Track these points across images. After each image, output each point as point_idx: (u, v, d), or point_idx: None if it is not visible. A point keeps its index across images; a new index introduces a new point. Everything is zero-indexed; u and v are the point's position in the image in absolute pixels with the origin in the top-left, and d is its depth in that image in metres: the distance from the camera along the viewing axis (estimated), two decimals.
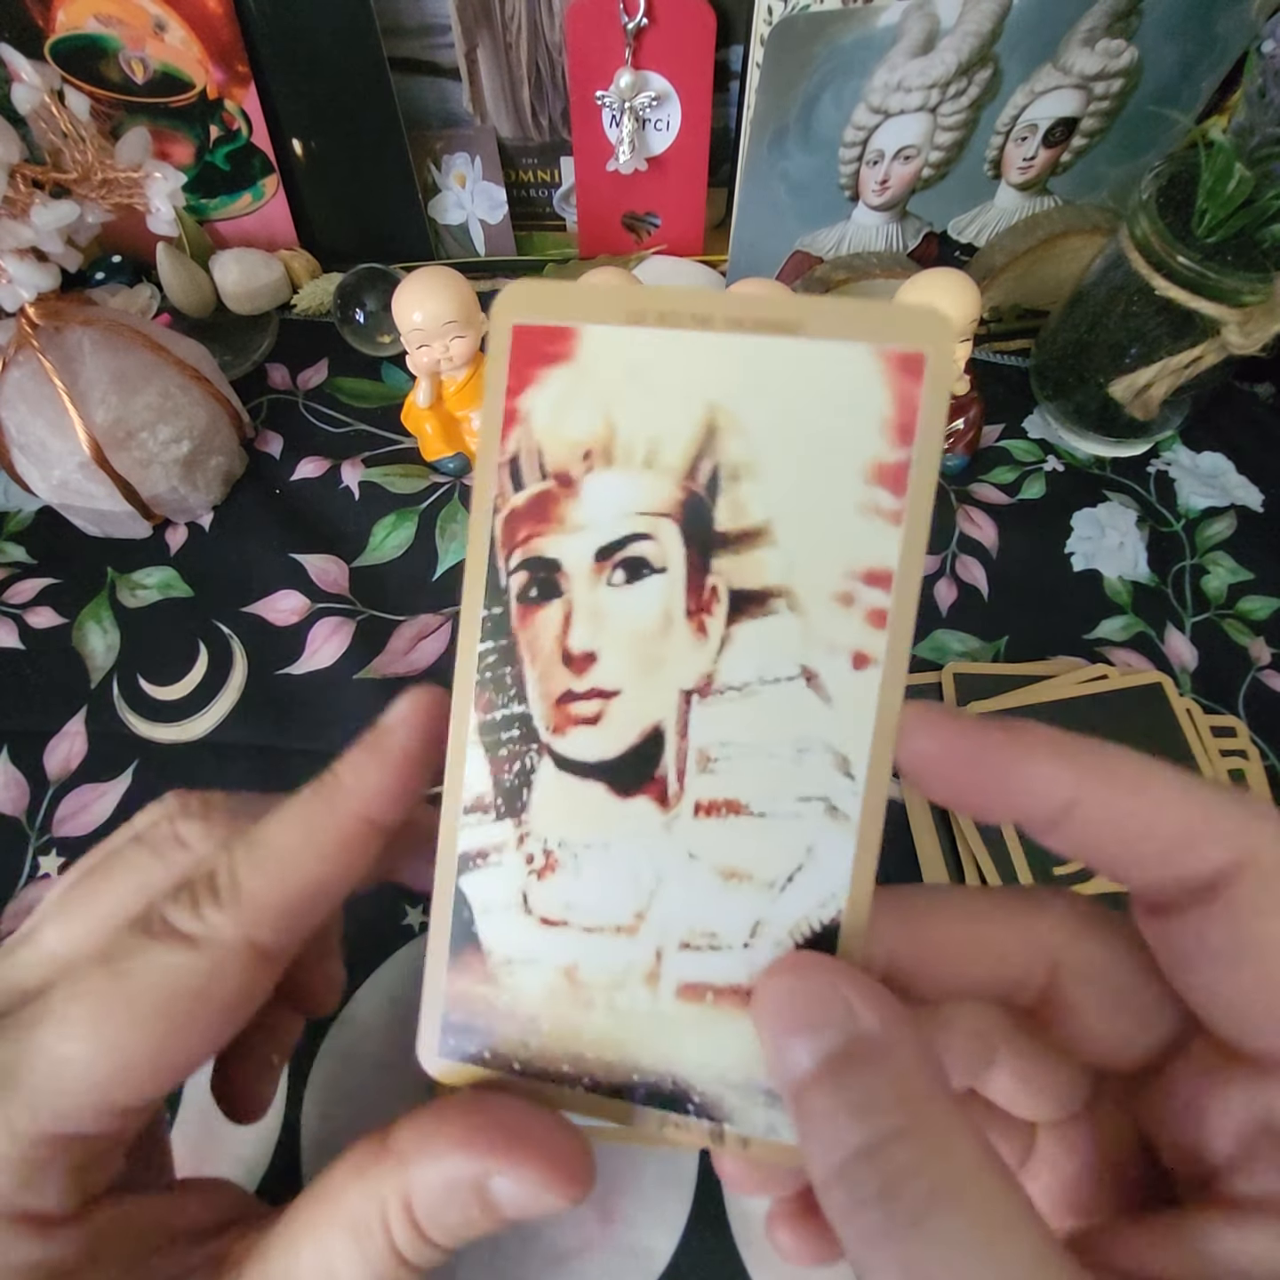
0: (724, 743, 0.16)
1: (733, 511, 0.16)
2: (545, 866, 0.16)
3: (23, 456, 0.44)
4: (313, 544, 0.48)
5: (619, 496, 0.16)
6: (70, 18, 0.47)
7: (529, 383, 0.16)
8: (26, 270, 0.38)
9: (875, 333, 0.15)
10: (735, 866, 0.16)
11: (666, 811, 0.16)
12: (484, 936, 0.17)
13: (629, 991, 0.16)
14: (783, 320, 0.15)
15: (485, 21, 0.50)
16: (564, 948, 0.16)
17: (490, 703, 0.16)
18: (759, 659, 0.16)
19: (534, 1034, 0.16)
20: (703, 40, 0.49)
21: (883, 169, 0.50)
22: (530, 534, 0.16)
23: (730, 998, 0.16)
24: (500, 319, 0.16)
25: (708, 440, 0.16)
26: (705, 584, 0.16)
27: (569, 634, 0.16)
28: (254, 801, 0.21)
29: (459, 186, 0.57)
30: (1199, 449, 0.53)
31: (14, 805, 0.41)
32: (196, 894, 0.17)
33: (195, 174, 0.53)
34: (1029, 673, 0.43)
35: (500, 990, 0.17)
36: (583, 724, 0.16)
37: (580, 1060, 0.16)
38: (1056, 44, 0.46)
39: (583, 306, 0.16)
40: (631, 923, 0.16)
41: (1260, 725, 0.44)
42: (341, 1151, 0.16)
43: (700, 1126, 0.16)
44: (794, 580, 0.15)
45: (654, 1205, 0.33)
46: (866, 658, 0.15)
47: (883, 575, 0.15)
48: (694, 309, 0.15)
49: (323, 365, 0.55)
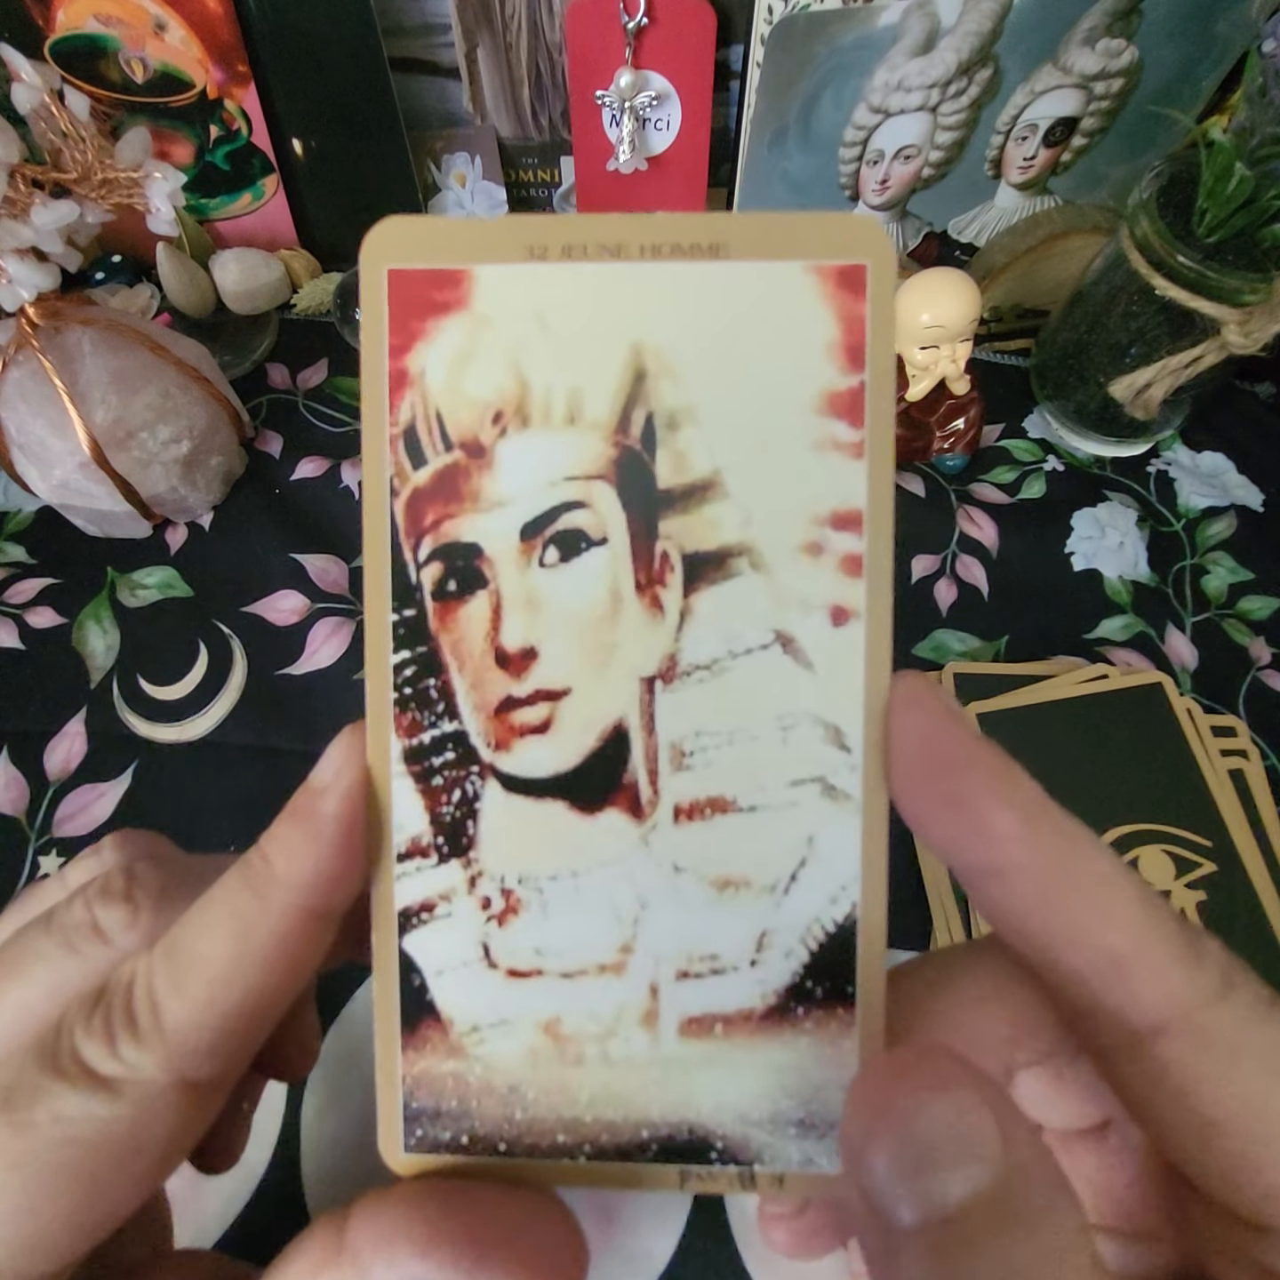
0: (698, 732, 0.14)
1: (675, 465, 0.14)
2: (506, 909, 0.14)
3: (23, 456, 0.44)
4: (313, 544, 0.48)
5: (541, 462, 0.14)
6: (70, 18, 0.47)
7: (416, 337, 0.14)
8: (26, 270, 0.38)
9: (807, 248, 0.13)
10: (729, 874, 0.14)
11: (641, 822, 0.14)
12: (441, 1003, 0.14)
13: (624, 1037, 0.14)
14: (703, 243, 0.13)
15: (485, 21, 0.50)
16: (541, 1000, 0.14)
17: (414, 724, 0.14)
18: (726, 629, 0.14)
19: (518, 1106, 0.14)
20: (703, 40, 0.49)
21: (883, 169, 0.50)
22: (440, 517, 0.14)
23: (743, 1026, 0.14)
24: (371, 264, 0.14)
25: (636, 386, 0.14)
26: (654, 551, 0.14)
27: (501, 630, 0.14)
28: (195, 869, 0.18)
29: (459, 186, 0.57)
30: (1199, 449, 0.53)
31: (14, 805, 0.41)
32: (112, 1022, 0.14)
33: (195, 174, 0.53)
34: (1029, 673, 0.43)
35: (470, 1063, 0.14)
36: (530, 734, 0.14)
37: (578, 1126, 0.14)
38: (1057, 44, 0.46)
39: (471, 244, 0.14)
40: (617, 958, 0.14)
41: (1260, 725, 0.43)
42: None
43: (727, 1173, 0.14)
44: (754, 534, 0.14)
45: (654, 1206, 0.33)
46: (846, 611, 0.14)
47: (851, 516, 0.14)
48: (602, 238, 0.13)
49: (323, 365, 0.55)
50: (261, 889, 0.14)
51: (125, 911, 0.17)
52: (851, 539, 0.14)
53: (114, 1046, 0.14)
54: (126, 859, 0.19)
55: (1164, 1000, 0.13)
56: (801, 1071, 0.14)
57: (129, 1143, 0.14)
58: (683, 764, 0.14)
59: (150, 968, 0.14)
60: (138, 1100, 0.14)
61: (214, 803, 0.41)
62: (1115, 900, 0.13)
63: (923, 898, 0.38)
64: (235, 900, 0.14)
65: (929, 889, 0.38)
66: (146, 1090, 0.14)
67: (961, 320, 0.43)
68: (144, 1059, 0.14)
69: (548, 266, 0.14)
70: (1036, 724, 0.41)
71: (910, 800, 0.14)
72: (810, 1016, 0.14)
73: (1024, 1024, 0.15)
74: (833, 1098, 0.14)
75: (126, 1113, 0.14)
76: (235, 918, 0.14)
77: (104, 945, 0.17)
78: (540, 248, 0.14)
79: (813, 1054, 0.14)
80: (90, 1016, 0.14)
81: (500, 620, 0.14)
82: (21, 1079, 0.14)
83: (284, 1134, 0.34)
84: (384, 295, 0.14)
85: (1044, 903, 0.13)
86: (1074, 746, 0.40)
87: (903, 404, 0.49)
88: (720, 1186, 0.14)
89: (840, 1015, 0.14)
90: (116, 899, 0.17)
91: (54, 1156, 0.13)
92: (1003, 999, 0.15)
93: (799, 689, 0.14)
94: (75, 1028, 0.14)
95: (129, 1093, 0.14)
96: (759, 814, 0.14)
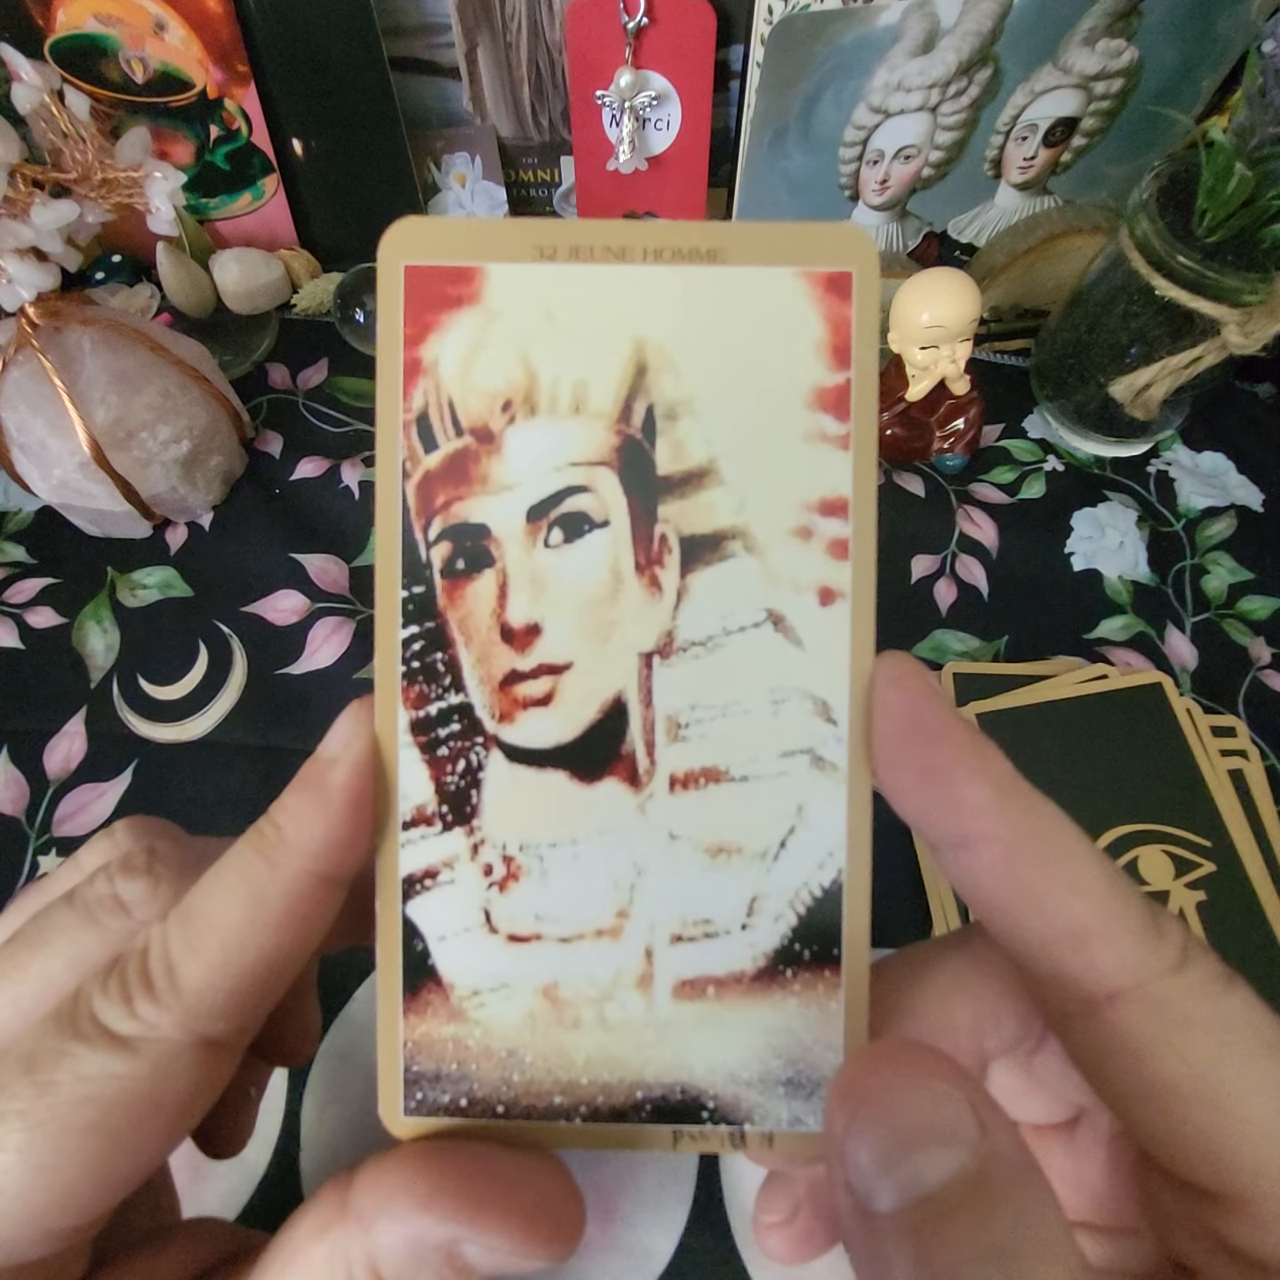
0: (694, 705, 0.15)
1: (673, 452, 0.14)
2: (507, 876, 0.15)
3: (23, 456, 0.44)
4: (313, 544, 0.48)
5: (547, 448, 0.14)
6: (70, 17, 0.47)
7: (431, 329, 0.14)
8: (26, 270, 0.38)
9: (797, 255, 0.14)
10: (722, 841, 0.15)
11: (639, 792, 0.15)
12: (443, 968, 0.15)
13: (620, 1001, 0.15)
14: (703, 248, 0.14)
15: (485, 21, 0.50)
16: (539, 965, 0.15)
17: (421, 696, 0.15)
18: (720, 608, 0.15)
19: (516, 1069, 0.15)
20: (703, 40, 0.49)
21: (883, 169, 0.50)
22: (450, 499, 0.15)
23: (734, 988, 0.15)
24: (389, 260, 0.14)
25: (638, 379, 0.14)
26: (653, 534, 0.15)
27: (506, 606, 0.15)
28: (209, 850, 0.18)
29: (459, 186, 0.57)
30: (1199, 449, 0.53)
31: (14, 805, 0.41)
32: (128, 984, 0.14)
33: (195, 174, 0.53)
34: (1029, 673, 0.43)
35: (470, 1026, 0.15)
36: (533, 706, 0.15)
37: (574, 1088, 0.15)
38: (1057, 44, 0.46)
39: (484, 244, 0.14)
40: (614, 924, 0.15)
41: (1260, 725, 0.44)
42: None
43: (718, 1132, 0.15)
44: (747, 519, 0.15)
45: (654, 1205, 0.33)
46: (833, 592, 0.15)
47: (838, 504, 0.14)
48: (608, 241, 0.14)
49: (323, 365, 0.55)
50: (273, 855, 0.14)
51: (147, 884, 0.18)
52: (839, 524, 0.15)
53: (131, 1006, 0.14)
54: (145, 838, 0.19)
55: (1122, 968, 0.13)
56: (790, 1032, 0.15)
57: (148, 1099, 0.14)
58: (678, 735, 0.15)
59: (165, 932, 0.15)
60: (155, 1058, 0.14)
61: (214, 802, 0.41)
62: (1081, 873, 0.14)
63: (923, 897, 0.38)
64: (247, 866, 0.15)
65: (928, 889, 0.38)
66: (164, 1048, 0.14)
67: (961, 320, 0.43)
68: (161, 1018, 0.14)
69: (556, 266, 0.14)
70: (1036, 724, 0.41)
71: (889, 771, 0.15)
72: (798, 978, 0.15)
73: (990, 1012, 0.16)
74: (819, 1058, 0.15)
75: (145, 1070, 0.14)
76: (247, 882, 0.14)
77: (125, 917, 0.17)
78: (549, 249, 0.14)
79: (800, 1015, 0.15)
80: (107, 980, 0.15)
81: (506, 597, 0.15)
82: (43, 1043, 0.14)
83: (284, 1132, 0.34)
84: (400, 289, 0.14)
85: (1012, 872, 0.14)
86: (1074, 746, 0.40)
87: (903, 404, 0.49)
88: (712, 1146, 0.15)
89: (826, 977, 0.15)
90: (138, 873, 0.18)
91: (77, 1114, 0.14)
92: (970, 990, 0.16)
93: (789, 665, 0.15)
94: (93, 992, 0.15)
95: (147, 1051, 0.14)
96: (751, 783, 0.15)
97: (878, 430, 0.14)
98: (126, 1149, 0.14)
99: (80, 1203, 0.14)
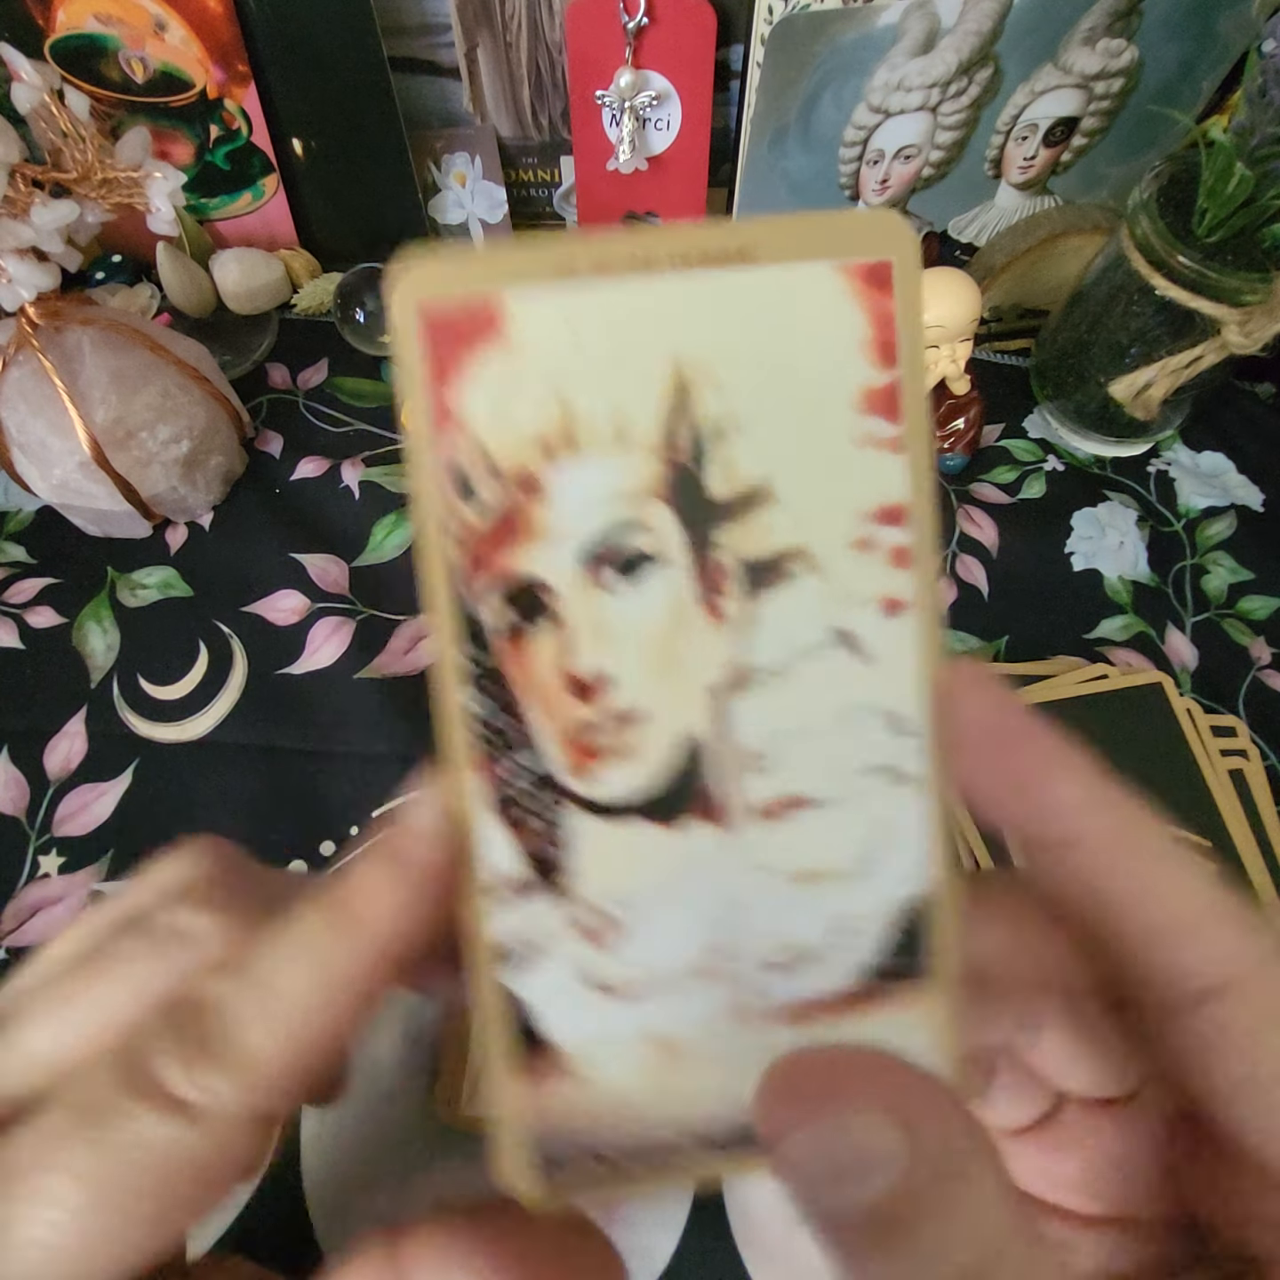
0: (768, 733, 0.14)
1: (725, 475, 0.14)
2: (598, 930, 0.14)
3: (23, 456, 0.44)
4: (313, 544, 0.48)
5: (593, 486, 0.14)
6: (70, 17, 0.47)
7: (453, 373, 0.14)
8: (26, 270, 0.38)
9: (831, 247, 0.14)
10: (809, 866, 0.14)
11: (720, 827, 0.14)
12: (549, 1033, 0.14)
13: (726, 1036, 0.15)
14: (732, 249, 0.13)
15: (485, 21, 0.50)
16: (643, 1013, 0.15)
17: (492, 760, 0.14)
18: (786, 632, 0.14)
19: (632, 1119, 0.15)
20: (703, 40, 0.49)
21: (883, 168, 0.50)
22: (497, 552, 0.14)
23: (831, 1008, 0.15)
24: (403, 300, 0.13)
25: (680, 400, 0.14)
26: (712, 563, 0.14)
27: (571, 658, 0.14)
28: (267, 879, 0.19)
29: (459, 186, 0.57)
30: (1199, 449, 0.53)
31: (14, 805, 0.41)
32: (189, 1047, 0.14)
33: (195, 173, 0.53)
34: (1029, 672, 0.43)
35: (583, 1085, 0.15)
36: (607, 757, 0.14)
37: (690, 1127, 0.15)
38: (1057, 43, 0.46)
39: (500, 272, 0.13)
40: (710, 962, 0.15)
41: (1260, 725, 0.44)
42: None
43: None
44: (806, 537, 0.14)
45: (654, 1205, 0.33)
46: (898, 602, 0.14)
47: (896, 510, 0.14)
48: (631, 251, 0.13)
49: (323, 365, 0.55)
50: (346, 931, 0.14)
51: (208, 917, 0.17)
52: (898, 532, 0.14)
53: (192, 1069, 0.14)
54: (208, 866, 0.19)
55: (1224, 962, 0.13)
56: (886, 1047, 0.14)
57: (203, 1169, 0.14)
58: (757, 766, 0.14)
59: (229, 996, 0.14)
60: (214, 1128, 0.14)
61: (214, 802, 0.41)
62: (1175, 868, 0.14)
63: None
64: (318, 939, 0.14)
65: None
66: (223, 1118, 0.14)
67: (961, 320, 0.43)
68: (223, 1084, 0.14)
69: (578, 285, 0.14)
70: None
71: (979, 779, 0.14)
72: (892, 993, 0.15)
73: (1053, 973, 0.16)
74: None
75: (203, 1140, 0.14)
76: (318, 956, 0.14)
77: (187, 949, 0.17)
78: (569, 266, 0.14)
79: (895, 1029, 0.15)
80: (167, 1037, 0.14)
81: (570, 648, 0.14)
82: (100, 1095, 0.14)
83: (284, 1133, 0.34)
84: (418, 336, 0.13)
85: (1110, 870, 0.14)
86: None
87: None
88: None
89: (921, 990, 0.15)
90: (201, 904, 0.18)
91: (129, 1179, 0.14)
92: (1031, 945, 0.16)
93: (860, 681, 0.14)
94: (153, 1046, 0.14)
95: (206, 1120, 0.14)
96: (832, 806, 0.14)
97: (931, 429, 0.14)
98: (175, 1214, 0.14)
99: (123, 1266, 0.14)
